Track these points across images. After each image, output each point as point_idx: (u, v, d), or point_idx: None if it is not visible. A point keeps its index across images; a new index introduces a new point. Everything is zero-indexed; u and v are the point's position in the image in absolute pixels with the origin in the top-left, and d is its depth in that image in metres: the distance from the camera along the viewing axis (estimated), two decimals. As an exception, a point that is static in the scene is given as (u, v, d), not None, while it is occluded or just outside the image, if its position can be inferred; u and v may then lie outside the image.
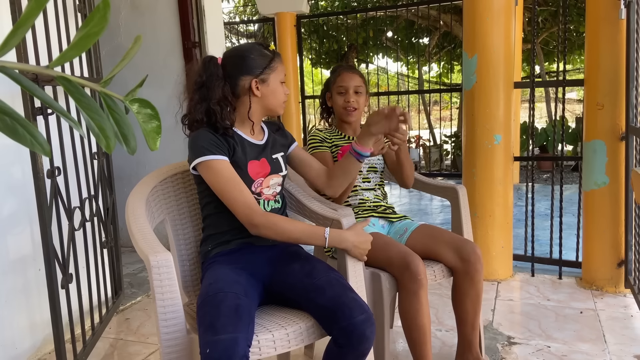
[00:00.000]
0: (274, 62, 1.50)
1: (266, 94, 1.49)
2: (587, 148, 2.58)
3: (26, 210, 2.03)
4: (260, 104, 1.51)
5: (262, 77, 1.48)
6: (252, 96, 1.49)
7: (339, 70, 1.97)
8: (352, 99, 1.92)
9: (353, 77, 1.93)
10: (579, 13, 7.08)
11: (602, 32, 2.44)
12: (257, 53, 1.49)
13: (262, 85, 1.48)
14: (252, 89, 1.47)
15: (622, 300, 2.47)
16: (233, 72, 1.47)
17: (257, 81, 1.47)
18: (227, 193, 1.40)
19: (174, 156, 3.00)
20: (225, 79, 1.47)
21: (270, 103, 1.51)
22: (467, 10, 2.69)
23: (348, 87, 1.91)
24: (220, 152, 1.42)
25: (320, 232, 1.43)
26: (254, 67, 1.47)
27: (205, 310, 1.22)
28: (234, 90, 1.48)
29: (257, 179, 1.49)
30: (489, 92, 2.65)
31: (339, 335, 1.28)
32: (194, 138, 1.45)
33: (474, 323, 1.76)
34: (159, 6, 3.35)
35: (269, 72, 1.49)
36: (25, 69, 0.46)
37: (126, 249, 3.20)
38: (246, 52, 1.50)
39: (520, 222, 3.17)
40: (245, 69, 1.47)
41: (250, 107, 1.50)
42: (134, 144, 0.49)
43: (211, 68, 1.48)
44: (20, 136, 0.43)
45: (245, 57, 1.48)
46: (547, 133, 7.29)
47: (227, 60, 1.50)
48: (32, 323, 2.09)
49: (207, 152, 1.41)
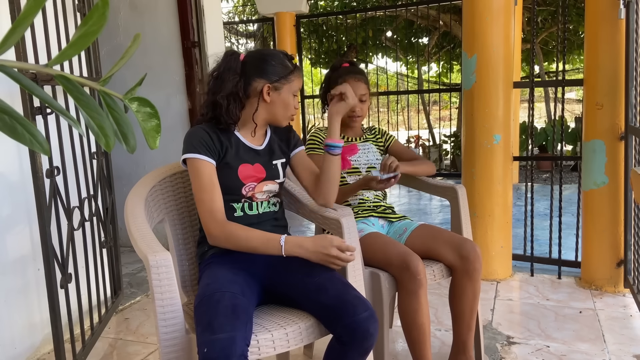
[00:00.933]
0: (292, 75, 1.50)
1: (276, 102, 1.50)
2: (586, 148, 2.58)
3: (25, 210, 2.03)
4: (267, 110, 1.51)
5: (276, 84, 1.48)
6: (262, 100, 1.49)
7: (345, 77, 1.88)
8: (357, 108, 1.91)
9: (358, 86, 1.88)
10: (578, 13, 7.09)
11: (602, 32, 2.44)
12: (279, 61, 1.50)
13: (273, 92, 1.49)
14: (263, 93, 1.48)
15: (622, 300, 2.47)
16: (251, 71, 1.48)
17: (269, 87, 1.48)
18: (198, 194, 1.41)
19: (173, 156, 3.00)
20: (241, 75, 1.48)
21: (278, 112, 1.51)
22: (467, 10, 2.69)
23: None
24: (207, 153, 1.43)
25: (275, 240, 1.35)
26: (271, 73, 1.48)
27: (202, 310, 1.22)
28: (246, 89, 1.48)
29: (247, 182, 1.49)
30: (489, 92, 2.65)
31: (342, 333, 1.28)
32: (188, 133, 1.47)
33: (470, 323, 1.76)
34: (159, 6, 3.35)
35: (284, 83, 1.49)
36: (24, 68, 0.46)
37: (125, 248, 3.20)
38: (269, 56, 1.50)
39: (520, 221, 3.17)
40: (262, 72, 1.48)
41: (257, 110, 1.50)
42: (134, 142, 0.49)
43: (231, 62, 1.49)
44: (19, 135, 0.43)
45: (267, 61, 1.49)
46: (546, 133, 7.30)
47: (249, 58, 1.50)
48: (31, 323, 2.09)
49: (194, 150, 1.42)
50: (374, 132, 2.08)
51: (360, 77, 1.91)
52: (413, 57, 8.76)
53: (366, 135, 2.04)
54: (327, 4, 9.05)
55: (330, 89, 1.92)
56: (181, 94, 3.36)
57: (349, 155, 1.95)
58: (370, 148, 2.00)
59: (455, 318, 1.77)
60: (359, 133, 2.04)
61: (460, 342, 1.78)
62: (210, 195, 1.40)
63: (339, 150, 1.57)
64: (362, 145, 1.99)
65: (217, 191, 1.42)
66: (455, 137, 7.28)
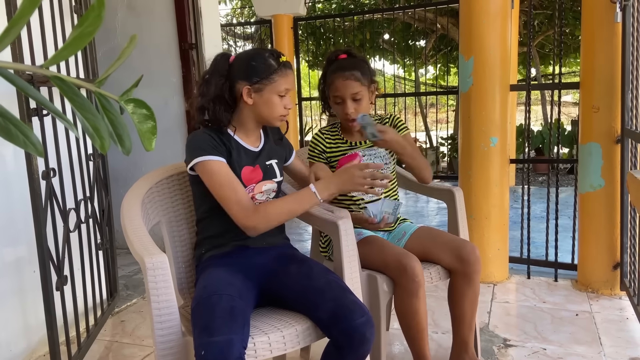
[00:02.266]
0: (275, 75, 1.44)
1: (258, 103, 1.46)
2: (582, 151, 2.59)
3: (21, 211, 2.02)
4: (252, 111, 1.48)
5: (257, 86, 1.44)
6: (243, 102, 1.47)
7: (332, 78, 1.74)
8: (350, 110, 1.72)
9: (347, 85, 1.70)
10: (574, 16, 7.12)
11: (598, 35, 2.45)
12: (261, 61, 1.45)
13: (255, 94, 1.45)
14: (243, 95, 1.45)
15: (618, 303, 2.47)
16: (235, 73, 1.46)
17: (249, 89, 1.44)
18: (220, 193, 1.39)
19: (170, 158, 2.99)
20: (227, 77, 1.46)
21: (263, 113, 1.48)
22: (464, 13, 2.69)
23: (344, 96, 1.72)
24: (217, 152, 1.41)
25: (309, 194, 1.43)
26: (252, 74, 1.44)
27: (199, 312, 1.21)
28: (231, 91, 1.47)
29: (249, 184, 1.49)
30: (485, 94, 2.65)
31: (339, 338, 1.27)
32: (191, 139, 1.45)
33: (471, 323, 1.76)
34: (156, 7, 3.34)
35: (266, 83, 1.44)
36: (20, 69, 0.46)
37: (121, 250, 3.19)
38: (252, 57, 1.47)
39: (516, 224, 3.17)
40: (243, 74, 1.45)
41: (242, 112, 1.49)
42: (129, 144, 0.49)
43: (219, 64, 1.47)
44: (13, 136, 0.43)
45: (249, 62, 1.45)
46: (543, 136, 7.32)
47: (236, 60, 1.49)
48: (26, 325, 2.07)
49: (203, 152, 1.40)
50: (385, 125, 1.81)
51: (349, 75, 1.70)
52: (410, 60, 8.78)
53: None
54: (324, 6, 9.06)
55: (327, 84, 1.77)
56: (178, 96, 3.36)
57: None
58: (378, 152, 1.82)
59: (456, 320, 1.77)
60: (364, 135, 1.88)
61: (461, 342, 1.78)
62: (232, 190, 1.39)
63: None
64: (368, 150, 1.81)
65: (237, 183, 1.41)
66: (452, 139, 7.29)
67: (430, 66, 9.27)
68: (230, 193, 1.39)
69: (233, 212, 1.39)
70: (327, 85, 1.78)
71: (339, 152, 1.83)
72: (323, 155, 1.84)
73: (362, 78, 1.72)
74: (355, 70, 1.72)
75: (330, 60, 1.81)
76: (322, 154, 1.84)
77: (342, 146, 1.84)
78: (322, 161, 1.82)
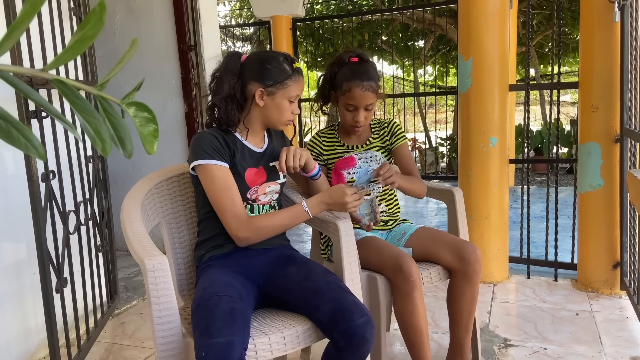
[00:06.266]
0: (289, 80, 1.47)
1: (269, 106, 1.48)
2: (581, 150, 2.59)
3: (20, 214, 2.02)
4: (261, 113, 1.50)
5: (270, 89, 1.46)
6: (254, 104, 1.48)
7: (349, 85, 1.70)
8: (361, 119, 1.73)
9: (365, 96, 1.70)
10: (573, 16, 7.13)
11: (597, 35, 2.46)
12: (277, 65, 1.47)
13: (267, 97, 1.47)
14: (256, 97, 1.47)
15: (618, 302, 2.48)
16: (248, 73, 1.47)
17: (262, 91, 1.46)
18: (217, 200, 1.41)
19: (170, 159, 2.99)
20: (239, 77, 1.47)
21: (272, 116, 1.50)
22: (462, 14, 2.70)
23: (359, 106, 1.72)
24: (220, 157, 1.42)
25: (299, 211, 1.46)
26: (266, 77, 1.46)
27: (200, 314, 1.21)
28: (242, 91, 1.48)
29: (253, 186, 1.50)
30: (484, 94, 2.66)
31: (339, 339, 1.27)
32: (196, 139, 1.45)
33: (467, 325, 1.75)
34: (155, 9, 3.34)
35: (280, 88, 1.46)
36: (20, 72, 0.46)
37: (121, 252, 3.18)
38: (267, 60, 1.48)
39: (516, 224, 3.17)
40: (257, 75, 1.46)
41: (251, 113, 1.50)
42: (131, 147, 0.49)
43: (230, 63, 1.48)
44: (14, 139, 0.43)
45: (263, 65, 1.47)
46: (542, 135, 7.33)
47: (248, 60, 1.50)
48: (26, 327, 2.07)
49: (207, 155, 1.41)
50: (383, 130, 1.89)
51: (369, 86, 1.70)
52: (409, 60, 8.79)
53: (371, 139, 1.87)
54: (323, 7, 9.07)
55: (336, 86, 1.76)
56: (177, 98, 3.36)
57: (345, 168, 1.82)
58: (374, 156, 1.84)
59: (453, 320, 1.77)
60: (365, 136, 1.88)
61: (457, 344, 1.77)
62: (230, 198, 1.40)
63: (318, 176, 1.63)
64: (365, 154, 1.83)
65: (236, 191, 1.42)
66: (451, 139, 7.29)
67: (429, 67, 9.27)
68: (227, 201, 1.40)
69: (226, 221, 1.41)
70: (339, 90, 1.75)
71: (335, 155, 1.85)
72: (321, 157, 1.86)
73: (377, 89, 1.74)
74: (372, 81, 1.72)
75: (341, 61, 1.77)
76: (320, 156, 1.86)
77: (339, 149, 1.86)
78: (320, 163, 1.83)
